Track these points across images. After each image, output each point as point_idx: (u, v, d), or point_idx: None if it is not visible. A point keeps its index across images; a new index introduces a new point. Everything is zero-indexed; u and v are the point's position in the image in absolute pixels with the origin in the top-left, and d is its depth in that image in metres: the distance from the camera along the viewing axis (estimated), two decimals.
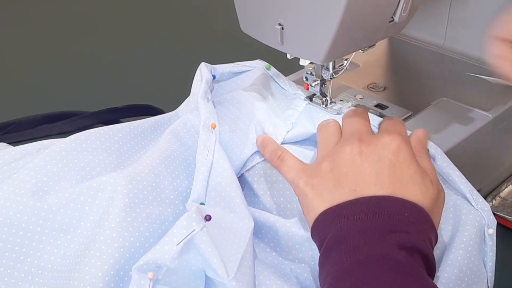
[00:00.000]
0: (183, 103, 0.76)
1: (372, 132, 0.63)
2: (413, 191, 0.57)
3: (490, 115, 0.77)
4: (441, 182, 0.62)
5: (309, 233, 0.61)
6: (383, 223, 0.54)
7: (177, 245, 0.55)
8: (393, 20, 0.67)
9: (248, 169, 0.68)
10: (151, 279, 0.55)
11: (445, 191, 0.62)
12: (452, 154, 0.65)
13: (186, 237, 0.55)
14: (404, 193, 0.56)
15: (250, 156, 0.68)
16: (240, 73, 0.77)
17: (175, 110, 0.75)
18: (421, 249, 0.53)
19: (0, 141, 0.91)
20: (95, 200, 0.62)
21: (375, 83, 0.84)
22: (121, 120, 0.95)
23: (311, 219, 0.59)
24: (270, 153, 0.65)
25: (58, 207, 0.61)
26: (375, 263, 0.52)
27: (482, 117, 0.77)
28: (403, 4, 0.66)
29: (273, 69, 0.77)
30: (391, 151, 0.58)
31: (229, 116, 0.72)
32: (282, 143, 0.69)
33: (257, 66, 0.77)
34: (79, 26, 1.29)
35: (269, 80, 0.76)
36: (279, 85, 0.77)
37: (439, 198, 0.59)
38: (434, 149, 0.66)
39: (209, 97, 0.72)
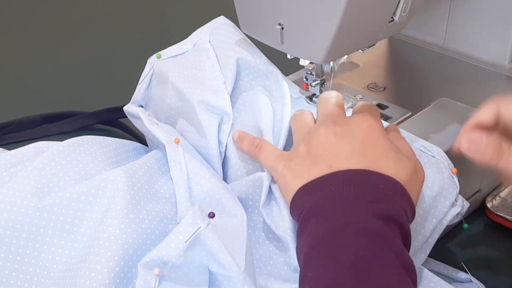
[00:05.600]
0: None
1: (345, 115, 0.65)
2: (387, 166, 0.58)
3: None
4: None
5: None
6: (359, 194, 0.56)
7: (185, 242, 0.56)
8: (393, 20, 0.67)
9: (225, 147, 0.69)
10: (157, 275, 0.55)
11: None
12: (452, 154, 0.65)
13: (193, 234, 0.56)
14: (379, 168, 0.58)
15: (220, 133, 0.69)
16: (150, 81, 0.77)
17: None
18: (396, 218, 0.55)
19: (0, 141, 0.91)
20: (97, 199, 0.62)
21: (375, 83, 0.84)
22: (121, 120, 0.95)
23: (289, 197, 0.60)
24: (248, 145, 0.66)
25: (60, 207, 0.62)
26: (351, 231, 0.53)
27: None
28: (403, 4, 0.66)
29: (163, 56, 0.77)
30: (363, 129, 0.60)
31: (181, 116, 0.73)
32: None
33: (152, 69, 0.77)
34: (78, 26, 1.29)
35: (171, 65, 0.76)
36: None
37: (416, 173, 0.60)
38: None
39: (155, 121, 0.72)
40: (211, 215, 0.59)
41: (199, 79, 0.72)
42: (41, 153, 0.67)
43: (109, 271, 0.56)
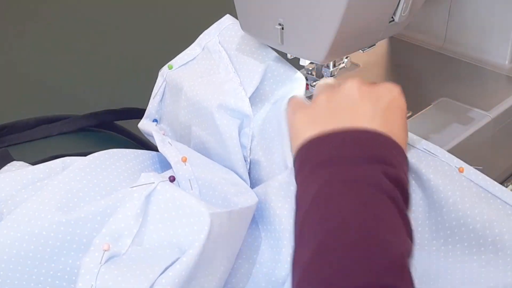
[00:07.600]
0: None
1: None
2: (400, 138, 0.58)
3: (490, 115, 0.77)
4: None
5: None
6: (374, 153, 0.55)
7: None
8: (393, 20, 0.67)
9: (250, 151, 0.69)
10: (105, 250, 0.56)
11: None
12: (452, 154, 0.65)
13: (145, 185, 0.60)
14: (394, 137, 0.57)
15: (241, 137, 0.69)
16: (163, 95, 0.77)
17: None
18: (403, 183, 0.54)
19: None
20: None
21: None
22: (118, 122, 0.95)
23: (298, 143, 0.58)
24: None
25: (85, 221, 0.61)
26: (362, 185, 0.53)
27: (482, 117, 0.77)
28: (403, 4, 0.66)
29: (174, 65, 0.76)
30: (390, 97, 0.60)
31: (198, 125, 0.72)
32: None
33: (165, 80, 0.77)
34: (77, 27, 1.29)
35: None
36: None
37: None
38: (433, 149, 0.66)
39: (169, 141, 0.71)
40: (172, 179, 0.60)
41: (213, 84, 0.72)
42: (68, 167, 0.67)
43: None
